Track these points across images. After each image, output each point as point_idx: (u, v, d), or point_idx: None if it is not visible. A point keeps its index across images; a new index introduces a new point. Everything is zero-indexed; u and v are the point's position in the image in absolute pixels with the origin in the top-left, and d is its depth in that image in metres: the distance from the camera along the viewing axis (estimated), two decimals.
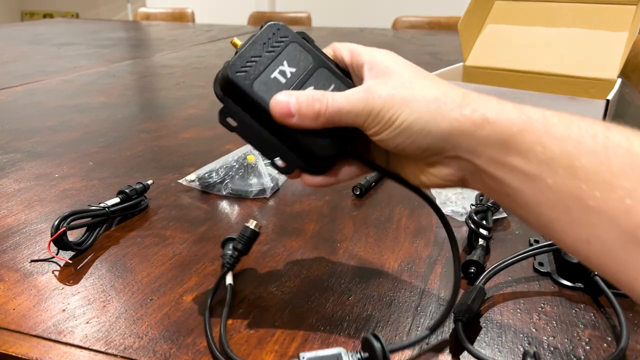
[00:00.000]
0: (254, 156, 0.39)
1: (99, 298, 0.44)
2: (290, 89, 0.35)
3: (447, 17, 2.46)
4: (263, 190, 0.63)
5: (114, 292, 0.44)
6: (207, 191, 0.64)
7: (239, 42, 0.37)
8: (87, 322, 0.40)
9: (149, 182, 0.61)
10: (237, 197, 0.62)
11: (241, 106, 0.36)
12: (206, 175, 0.65)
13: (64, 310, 0.42)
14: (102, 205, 0.54)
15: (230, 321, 0.41)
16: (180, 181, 0.66)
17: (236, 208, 0.60)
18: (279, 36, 0.37)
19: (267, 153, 0.37)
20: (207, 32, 2.21)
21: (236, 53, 0.36)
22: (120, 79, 1.30)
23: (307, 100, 0.34)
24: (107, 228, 0.55)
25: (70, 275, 0.47)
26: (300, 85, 0.36)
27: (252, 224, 0.46)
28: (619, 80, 0.86)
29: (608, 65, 0.88)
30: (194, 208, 0.60)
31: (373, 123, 0.33)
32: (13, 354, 0.37)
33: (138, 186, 0.59)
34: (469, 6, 0.98)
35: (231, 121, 0.37)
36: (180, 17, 2.92)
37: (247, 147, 0.70)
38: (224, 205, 0.61)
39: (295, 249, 0.51)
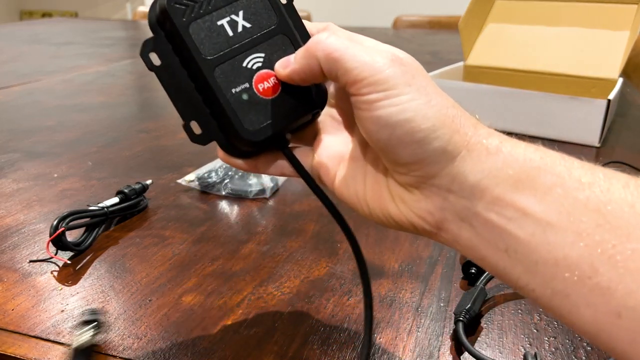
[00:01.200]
0: None
1: (97, 299, 0.43)
2: (234, 46, 0.30)
3: (447, 16, 2.45)
4: (263, 190, 0.62)
5: (113, 292, 0.44)
6: (207, 191, 0.64)
7: None
8: None
9: (148, 182, 0.61)
10: (237, 197, 0.62)
11: (172, 45, 0.30)
12: (205, 175, 0.65)
13: (62, 311, 0.42)
14: (101, 205, 0.54)
15: (229, 322, 0.40)
16: (179, 181, 0.66)
17: (236, 208, 0.60)
18: None
19: (185, 112, 0.31)
20: None
21: None
22: (120, 78, 1.29)
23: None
24: (106, 228, 0.55)
25: (69, 275, 0.47)
26: (249, 47, 0.30)
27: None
28: (620, 80, 0.86)
29: (609, 65, 0.88)
30: (194, 208, 0.60)
31: (383, 86, 0.26)
32: (12, 355, 0.37)
33: (137, 186, 0.59)
34: (470, 5, 0.98)
35: (154, 58, 0.30)
36: None
37: None
38: (224, 205, 0.61)
39: (295, 249, 0.51)
